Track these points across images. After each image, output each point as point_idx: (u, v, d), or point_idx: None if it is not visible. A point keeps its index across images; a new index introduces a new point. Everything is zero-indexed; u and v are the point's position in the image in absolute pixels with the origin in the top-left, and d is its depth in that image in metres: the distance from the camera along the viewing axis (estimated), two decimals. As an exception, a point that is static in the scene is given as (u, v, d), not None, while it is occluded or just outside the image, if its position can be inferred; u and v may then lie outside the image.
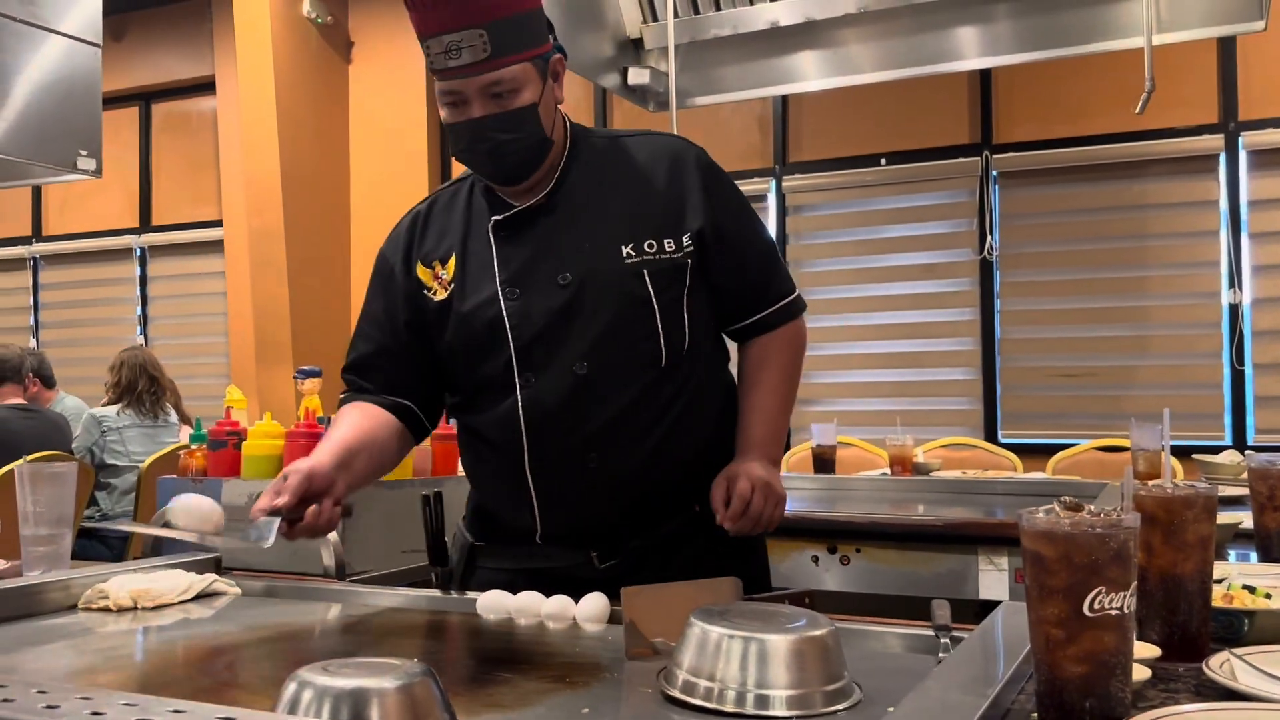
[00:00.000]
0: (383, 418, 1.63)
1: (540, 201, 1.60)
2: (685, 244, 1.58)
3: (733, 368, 1.75)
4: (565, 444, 1.56)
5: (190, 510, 1.41)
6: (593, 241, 1.57)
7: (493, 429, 1.60)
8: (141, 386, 4.67)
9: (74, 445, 4.51)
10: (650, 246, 1.57)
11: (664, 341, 1.57)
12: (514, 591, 1.56)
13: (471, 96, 1.50)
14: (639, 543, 1.60)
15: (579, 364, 1.54)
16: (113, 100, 6.18)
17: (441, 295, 1.62)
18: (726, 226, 1.62)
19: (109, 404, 4.70)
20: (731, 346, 1.76)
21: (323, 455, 1.51)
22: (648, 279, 1.56)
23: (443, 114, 1.55)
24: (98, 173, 3.61)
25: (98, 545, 4.43)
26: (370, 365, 1.68)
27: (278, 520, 1.42)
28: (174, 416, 4.80)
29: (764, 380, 1.68)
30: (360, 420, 1.61)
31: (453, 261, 1.62)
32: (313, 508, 1.45)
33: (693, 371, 1.61)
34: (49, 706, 0.80)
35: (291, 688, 0.83)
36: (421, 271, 1.64)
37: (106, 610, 1.53)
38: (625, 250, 1.56)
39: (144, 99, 7.04)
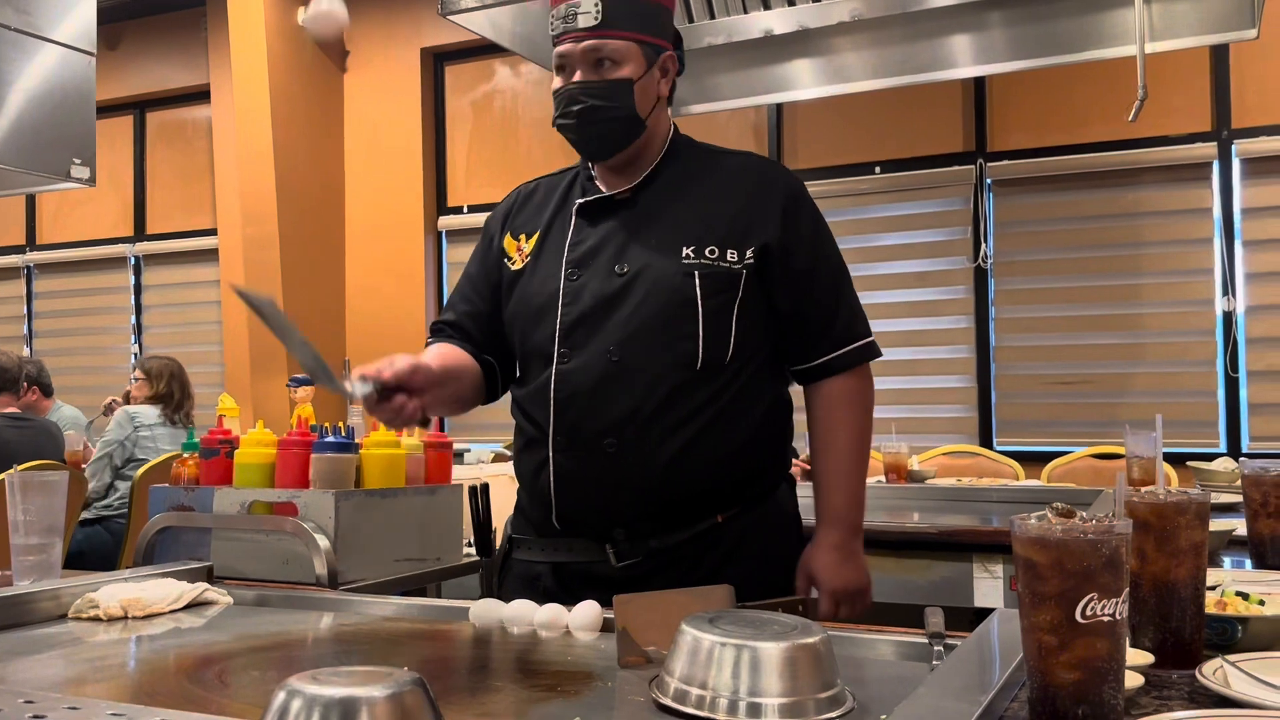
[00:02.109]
0: (470, 359, 1.74)
1: (625, 195, 1.68)
2: (747, 257, 1.62)
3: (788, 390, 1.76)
4: (587, 425, 1.60)
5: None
6: (658, 239, 1.63)
7: (529, 401, 1.67)
8: (177, 398, 4.79)
9: (103, 439, 4.61)
10: (711, 253, 1.61)
11: (703, 345, 1.60)
12: (540, 585, 1.64)
13: (575, 62, 1.61)
14: (657, 544, 1.62)
15: (613, 350, 1.59)
16: (107, 109, 6.19)
17: (518, 265, 1.72)
18: (795, 251, 1.65)
19: (144, 402, 4.77)
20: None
21: (430, 362, 1.58)
22: (698, 281, 1.60)
23: (553, 84, 1.65)
24: (91, 181, 3.61)
25: (103, 533, 4.50)
26: (459, 322, 1.78)
27: (372, 387, 1.48)
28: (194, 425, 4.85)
29: (836, 444, 1.71)
30: (451, 355, 1.71)
31: (535, 237, 1.72)
32: (400, 397, 1.52)
33: (732, 381, 1.63)
34: (36, 716, 0.80)
35: (280, 696, 0.82)
36: (508, 242, 1.75)
37: (97, 620, 1.53)
38: (685, 251, 1.61)
39: (138, 108, 7.04)
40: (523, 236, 1.73)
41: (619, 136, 1.64)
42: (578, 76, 1.61)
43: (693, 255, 1.61)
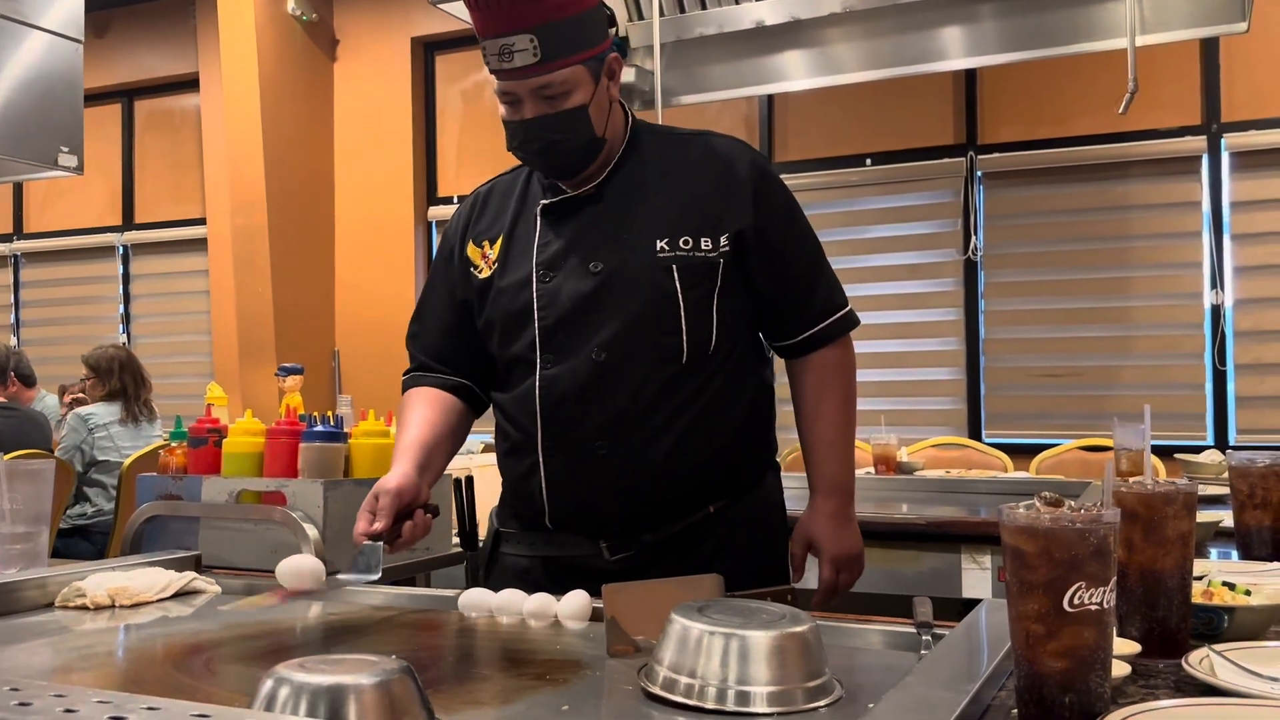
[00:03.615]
0: (447, 402, 1.70)
1: (589, 191, 1.63)
2: (722, 244, 1.59)
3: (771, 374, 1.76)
4: (577, 429, 1.58)
5: (296, 571, 1.57)
6: (630, 234, 1.60)
7: (513, 407, 1.64)
8: (131, 391, 4.61)
9: (61, 446, 4.46)
10: (686, 243, 1.58)
11: (687, 338, 1.58)
12: (530, 578, 1.62)
13: (524, 97, 1.54)
14: (650, 538, 1.61)
15: (598, 351, 1.57)
16: (95, 97, 6.14)
17: (486, 273, 1.67)
18: (770, 232, 1.63)
19: (97, 402, 4.64)
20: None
21: (405, 465, 1.57)
22: (676, 274, 1.57)
23: (501, 112, 1.59)
24: (79, 170, 3.58)
25: (81, 543, 4.40)
26: (430, 342, 1.75)
27: (381, 545, 1.48)
28: (156, 413, 4.76)
29: (825, 413, 1.70)
30: (428, 413, 1.67)
31: (500, 242, 1.67)
32: (408, 524, 1.53)
33: (717, 372, 1.62)
34: (21, 704, 0.79)
35: (268, 684, 0.82)
36: (471, 250, 1.70)
37: (84, 608, 1.52)
38: (660, 245, 1.58)
39: (127, 96, 7.00)
40: (486, 243, 1.68)
41: (582, 160, 1.60)
42: (529, 112, 1.55)
43: (667, 248, 1.58)
